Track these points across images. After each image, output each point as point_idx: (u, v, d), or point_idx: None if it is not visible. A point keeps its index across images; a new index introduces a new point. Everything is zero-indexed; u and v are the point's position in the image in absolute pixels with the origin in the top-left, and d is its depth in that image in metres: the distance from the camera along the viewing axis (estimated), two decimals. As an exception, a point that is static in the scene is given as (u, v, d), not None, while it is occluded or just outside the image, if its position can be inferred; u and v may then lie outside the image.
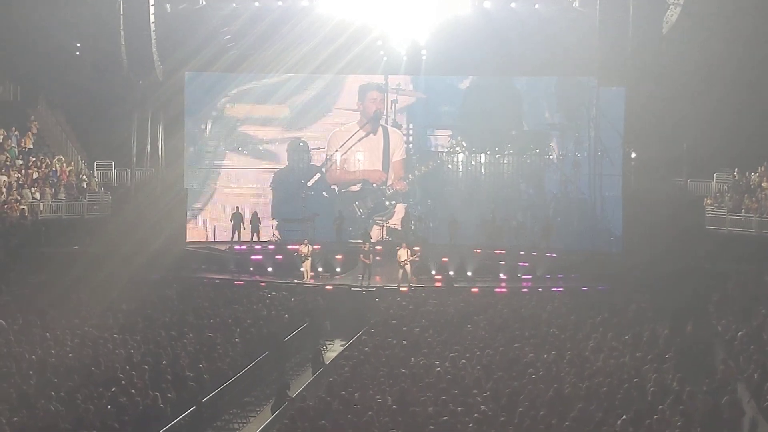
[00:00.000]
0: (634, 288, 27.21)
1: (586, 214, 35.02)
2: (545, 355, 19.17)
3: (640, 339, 20.70)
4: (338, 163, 36.53)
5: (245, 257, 32.97)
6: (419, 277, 30.78)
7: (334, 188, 36.60)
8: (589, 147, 35.05)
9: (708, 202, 31.33)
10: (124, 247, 29.33)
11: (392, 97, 36.40)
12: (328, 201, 36.20)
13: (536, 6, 33.45)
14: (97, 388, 16.65)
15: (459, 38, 33.78)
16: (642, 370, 17.80)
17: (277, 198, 36.40)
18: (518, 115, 36.17)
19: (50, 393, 16.17)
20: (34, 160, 32.74)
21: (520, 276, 31.08)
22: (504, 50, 33.68)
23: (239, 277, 30.95)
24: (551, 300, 26.34)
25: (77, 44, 34.88)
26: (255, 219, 34.72)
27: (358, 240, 33.29)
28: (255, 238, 34.51)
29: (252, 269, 32.11)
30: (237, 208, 34.68)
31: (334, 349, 24.79)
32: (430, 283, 30.28)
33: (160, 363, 18.51)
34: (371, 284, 29.64)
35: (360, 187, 36.56)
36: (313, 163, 36.52)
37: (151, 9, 32.13)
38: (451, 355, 19.08)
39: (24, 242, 28.67)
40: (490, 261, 31.93)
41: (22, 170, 31.73)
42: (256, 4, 33.78)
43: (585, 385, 16.71)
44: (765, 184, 30.49)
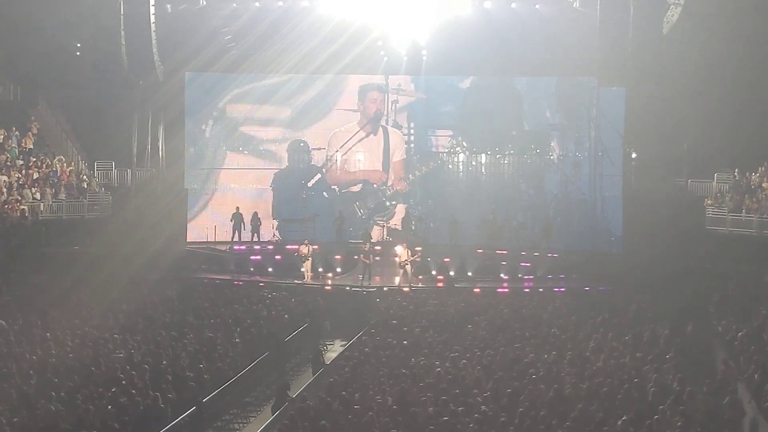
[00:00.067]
0: (635, 288, 27.20)
1: (586, 215, 35.03)
2: (546, 356, 19.16)
3: (640, 339, 20.68)
4: (338, 164, 36.53)
5: (245, 258, 32.99)
6: (420, 277, 30.77)
7: (334, 189, 36.60)
8: (590, 147, 35.08)
9: (708, 203, 31.31)
10: (125, 248, 29.33)
11: (392, 97, 36.41)
12: (329, 201, 36.19)
13: (536, 6, 33.42)
14: (98, 388, 16.64)
15: (459, 38, 33.78)
16: (642, 371, 17.79)
17: (278, 198, 36.40)
18: (518, 115, 36.16)
19: (50, 393, 16.16)
20: (35, 160, 32.73)
21: (520, 276, 31.10)
22: (504, 50, 33.69)
23: (239, 278, 30.95)
24: (552, 300, 26.34)
25: (77, 44, 34.85)
26: (255, 219, 34.75)
27: (359, 240, 33.29)
28: (255, 239, 34.54)
29: (252, 269, 32.11)
30: (237, 209, 34.70)
31: (335, 349, 24.76)
32: (432, 284, 30.26)
33: (161, 363, 18.49)
34: (371, 284, 29.66)
35: (360, 188, 36.56)
36: (314, 164, 36.53)
37: (152, 9, 32.15)
38: (452, 355, 19.06)
39: (24, 242, 28.64)
40: (491, 261, 31.92)
41: (23, 170, 31.72)
42: (257, 4, 33.77)
43: (585, 385, 16.71)
44: (765, 185, 30.46)
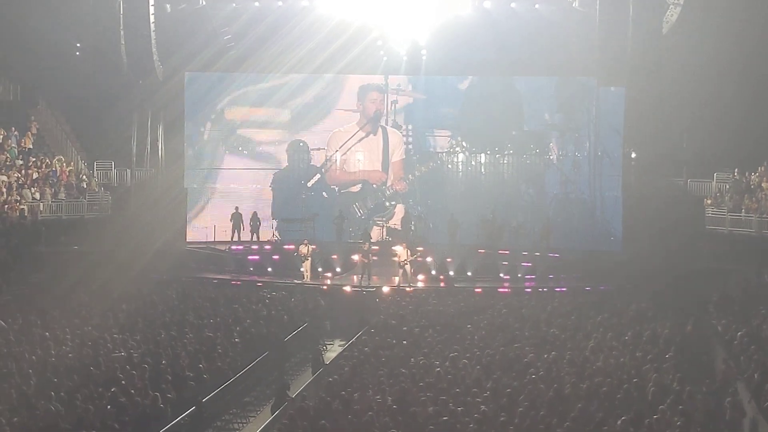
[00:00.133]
0: (634, 288, 27.20)
1: (586, 215, 35.02)
2: (545, 355, 19.15)
3: (640, 339, 20.66)
4: (338, 164, 36.52)
5: (244, 258, 32.97)
6: (422, 277, 30.74)
7: (334, 189, 36.59)
8: (589, 147, 35.09)
9: (708, 202, 31.29)
10: (124, 248, 29.35)
11: (392, 97, 36.41)
12: (328, 201, 36.17)
13: (536, 6, 33.45)
14: (97, 388, 16.63)
15: (459, 38, 33.79)
16: (642, 370, 17.78)
17: (277, 198, 36.38)
18: (518, 115, 36.13)
19: (50, 393, 16.15)
20: (34, 160, 32.73)
21: (520, 276, 31.07)
22: (504, 50, 33.67)
23: (239, 277, 30.92)
24: (552, 300, 26.34)
25: (77, 44, 34.85)
26: (255, 219, 34.73)
27: (359, 240, 33.28)
28: (255, 239, 34.52)
29: (252, 269, 32.09)
30: (237, 209, 34.70)
31: (334, 349, 24.75)
32: (434, 284, 30.21)
33: (160, 363, 18.48)
34: (370, 284, 29.65)
35: (360, 188, 36.55)
36: (313, 164, 36.52)
37: (151, 9, 32.20)
38: (451, 355, 19.05)
39: (24, 242, 28.62)
40: (492, 261, 31.90)
41: (22, 170, 31.71)
42: (256, 4, 33.80)
43: (585, 385, 16.69)
44: (765, 185, 30.44)
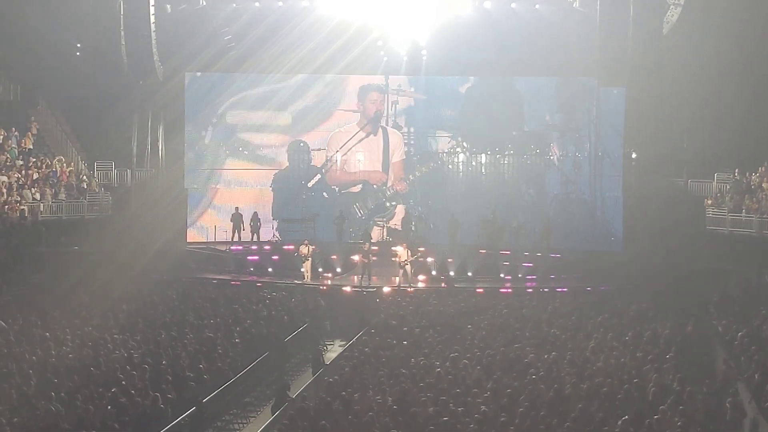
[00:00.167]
0: (635, 288, 27.18)
1: (586, 215, 35.01)
2: (546, 356, 19.14)
3: (640, 339, 20.65)
4: (338, 164, 36.51)
5: (243, 258, 32.95)
6: (423, 277, 30.73)
7: (334, 189, 36.58)
8: (590, 147, 35.09)
9: (708, 203, 31.27)
10: (125, 248, 29.34)
11: (392, 98, 36.39)
12: (329, 202, 36.17)
13: (537, 6, 33.45)
14: (98, 388, 16.62)
15: (459, 39, 33.80)
16: (642, 371, 17.77)
17: (278, 199, 36.37)
18: (518, 115, 36.12)
19: (50, 393, 16.14)
20: (35, 160, 32.71)
21: (520, 276, 31.05)
22: (504, 51, 33.66)
23: (239, 278, 30.90)
24: (552, 300, 26.33)
25: (77, 44, 34.82)
26: (255, 219, 34.72)
27: (359, 240, 33.28)
28: (255, 239, 34.51)
29: (252, 269, 32.08)
30: (237, 209, 34.70)
31: (335, 349, 24.74)
32: (435, 284, 30.16)
33: (161, 363, 18.47)
34: (370, 284, 29.63)
35: (360, 188, 36.54)
36: (314, 164, 36.51)
37: (152, 9, 32.22)
38: (452, 355, 19.05)
39: (24, 243, 28.61)
40: (492, 262, 31.88)
41: (23, 171, 31.69)
42: (257, 4, 33.80)
43: (585, 385, 16.69)
44: (765, 185, 30.41)
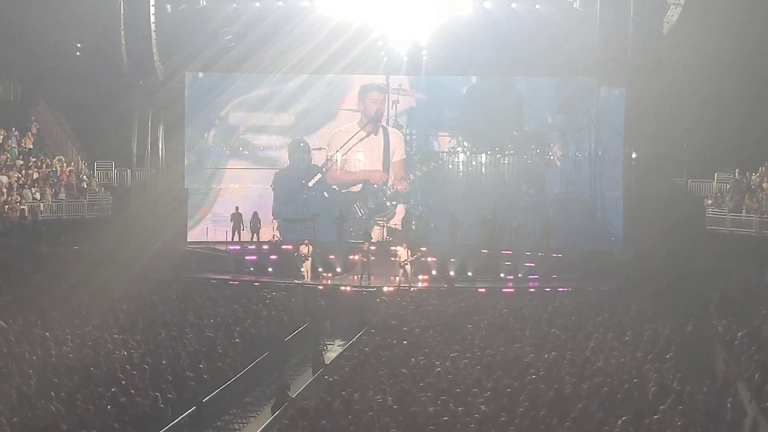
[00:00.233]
0: (635, 288, 27.17)
1: (586, 215, 35.00)
2: (546, 355, 19.14)
3: (640, 339, 20.65)
4: (339, 164, 36.51)
5: (242, 258, 32.93)
6: (425, 277, 30.71)
7: (334, 188, 36.57)
8: (590, 147, 35.07)
9: (709, 203, 31.25)
10: (125, 248, 29.33)
11: (393, 97, 36.39)
12: (329, 201, 36.17)
13: (537, 6, 33.42)
14: (98, 388, 16.62)
15: (459, 39, 33.79)
16: (643, 370, 17.77)
17: (278, 198, 36.36)
18: (519, 115, 36.12)
19: (50, 393, 16.15)
20: (35, 160, 32.70)
21: (521, 276, 31.03)
22: (504, 50, 33.65)
23: (239, 278, 30.91)
24: (553, 300, 26.32)
25: (77, 44, 34.79)
26: (255, 219, 34.72)
27: (359, 240, 33.28)
28: (255, 239, 34.50)
29: (252, 269, 32.06)
30: (237, 208, 34.71)
31: (335, 349, 24.75)
32: (436, 284, 30.13)
33: (161, 363, 18.48)
34: (370, 284, 29.62)
35: (361, 188, 36.54)
36: (314, 164, 36.51)
37: (152, 9, 32.20)
38: (452, 355, 19.05)
39: (24, 242, 28.63)
40: (492, 261, 31.87)
41: (23, 170, 31.68)
42: (257, 4, 33.78)
43: (586, 385, 16.68)
44: (765, 185, 30.39)
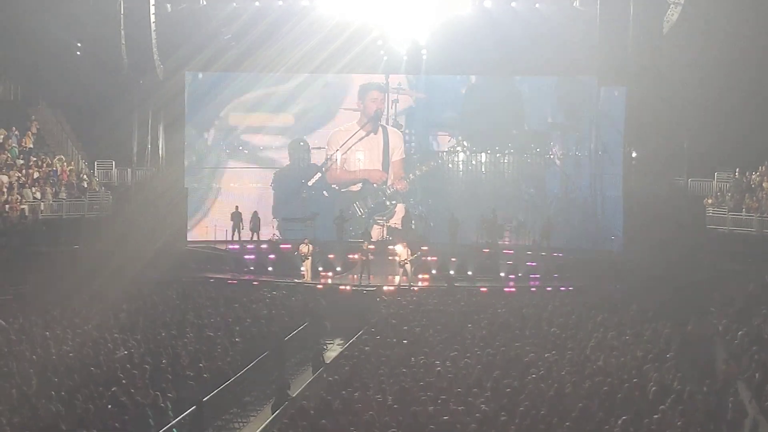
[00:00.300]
0: (635, 287, 27.16)
1: (586, 214, 35.00)
2: (546, 355, 19.13)
3: (640, 338, 20.65)
4: (338, 163, 36.52)
5: (241, 257, 32.92)
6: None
7: (334, 188, 36.58)
8: (590, 146, 35.08)
9: (709, 202, 31.26)
10: (125, 247, 29.31)
11: (393, 96, 36.38)
12: (329, 200, 36.16)
13: (537, 5, 33.44)
14: (98, 387, 16.63)
15: (459, 38, 33.77)
16: (643, 370, 17.76)
17: (278, 197, 36.37)
18: (519, 114, 36.12)
19: (51, 393, 16.17)
20: (35, 159, 32.68)
21: (521, 275, 31.02)
22: (504, 50, 33.61)
23: (239, 277, 30.90)
24: (553, 299, 26.32)
25: (78, 43, 34.79)
26: (255, 218, 34.73)
27: (359, 239, 33.28)
28: (255, 238, 34.51)
29: (252, 269, 32.07)
30: (236, 208, 34.71)
31: (335, 348, 24.76)
32: (436, 283, 30.12)
33: (161, 362, 18.50)
34: (370, 283, 29.61)
35: (360, 187, 36.54)
36: (314, 163, 36.51)
37: (152, 8, 32.22)
38: (452, 354, 19.05)
39: (25, 242, 28.63)
40: (493, 261, 31.85)
41: (23, 170, 31.67)
42: (257, 3, 33.80)
43: (586, 384, 16.68)
44: (766, 184, 30.39)
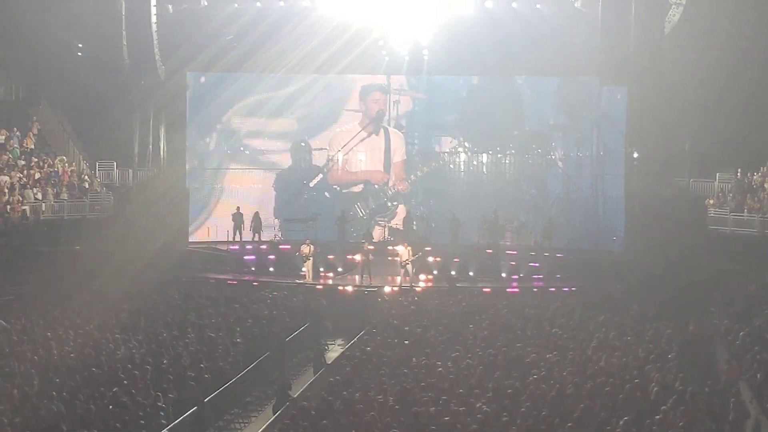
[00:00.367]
0: (637, 287, 27.15)
1: (588, 214, 34.98)
2: (548, 355, 19.13)
3: (642, 339, 20.64)
4: (340, 164, 36.51)
5: (241, 257, 32.91)
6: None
7: (335, 189, 36.57)
8: (591, 147, 35.05)
9: (710, 202, 31.22)
10: (126, 247, 29.33)
11: (395, 97, 36.36)
12: (330, 201, 36.16)
13: (538, 6, 33.44)
14: (99, 387, 16.64)
15: (461, 38, 33.78)
16: (645, 370, 17.75)
17: (280, 198, 36.37)
18: (520, 115, 36.11)
19: (52, 393, 16.17)
20: (36, 160, 32.71)
21: (522, 276, 31.00)
22: (506, 50, 33.62)
23: (240, 277, 30.90)
24: (555, 300, 26.30)
25: (79, 44, 34.83)
26: (257, 219, 34.73)
27: (361, 240, 33.27)
28: (257, 239, 34.51)
29: (254, 269, 32.06)
30: (238, 208, 34.71)
31: (336, 349, 24.76)
32: (438, 283, 30.10)
33: (162, 363, 18.50)
34: (371, 284, 29.60)
35: (362, 188, 36.54)
36: (315, 164, 36.51)
37: (153, 9, 32.21)
38: (453, 355, 19.04)
39: (26, 242, 28.66)
40: (494, 261, 31.83)
41: (24, 170, 31.70)
42: (258, 4, 33.82)
43: (587, 385, 16.68)
44: (767, 184, 30.40)
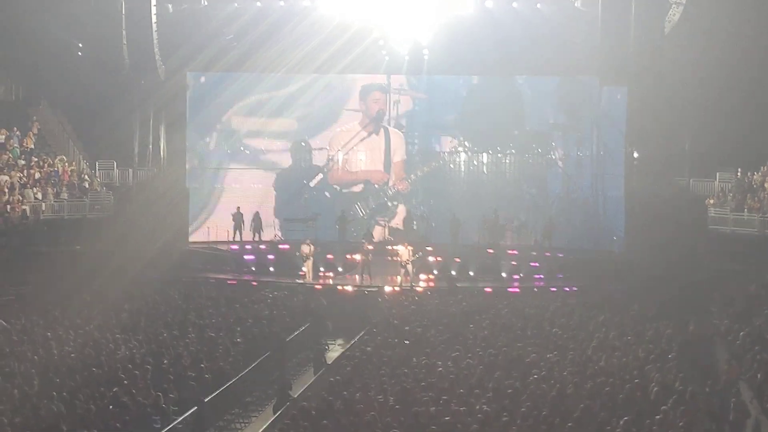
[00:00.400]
0: (637, 287, 27.15)
1: (588, 214, 34.96)
2: (548, 355, 19.13)
3: (642, 338, 20.64)
4: (340, 164, 36.51)
5: (241, 257, 32.91)
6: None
7: (336, 188, 36.56)
8: (591, 147, 35.03)
9: (710, 202, 31.22)
10: (126, 247, 29.34)
11: (395, 97, 36.34)
12: (330, 201, 36.16)
13: (538, 5, 33.44)
14: (99, 387, 16.64)
15: (461, 38, 33.77)
16: (645, 370, 17.75)
17: (280, 198, 36.37)
18: (520, 114, 36.09)
19: (52, 393, 16.17)
20: (36, 160, 32.72)
21: (522, 276, 30.99)
22: (506, 50, 33.62)
23: (240, 277, 30.90)
24: (555, 300, 26.29)
25: (79, 44, 34.84)
26: (257, 219, 34.72)
27: (361, 240, 33.28)
28: (257, 238, 34.51)
29: (254, 269, 32.06)
30: (238, 208, 34.70)
31: (336, 349, 24.75)
32: (438, 283, 30.10)
33: (162, 363, 18.50)
34: (371, 284, 29.59)
35: (362, 188, 36.54)
36: (315, 164, 36.51)
37: (153, 9, 32.21)
38: (453, 354, 19.04)
39: (26, 242, 28.67)
40: (494, 261, 31.82)
41: (24, 170, 31.72)
42: (258, 4, 33.82)
43: (588, 385, 16.68)
44: (767, 184, 30.40)
